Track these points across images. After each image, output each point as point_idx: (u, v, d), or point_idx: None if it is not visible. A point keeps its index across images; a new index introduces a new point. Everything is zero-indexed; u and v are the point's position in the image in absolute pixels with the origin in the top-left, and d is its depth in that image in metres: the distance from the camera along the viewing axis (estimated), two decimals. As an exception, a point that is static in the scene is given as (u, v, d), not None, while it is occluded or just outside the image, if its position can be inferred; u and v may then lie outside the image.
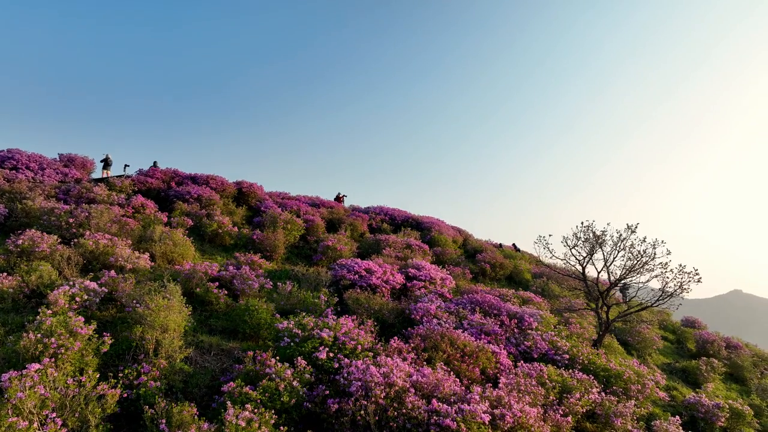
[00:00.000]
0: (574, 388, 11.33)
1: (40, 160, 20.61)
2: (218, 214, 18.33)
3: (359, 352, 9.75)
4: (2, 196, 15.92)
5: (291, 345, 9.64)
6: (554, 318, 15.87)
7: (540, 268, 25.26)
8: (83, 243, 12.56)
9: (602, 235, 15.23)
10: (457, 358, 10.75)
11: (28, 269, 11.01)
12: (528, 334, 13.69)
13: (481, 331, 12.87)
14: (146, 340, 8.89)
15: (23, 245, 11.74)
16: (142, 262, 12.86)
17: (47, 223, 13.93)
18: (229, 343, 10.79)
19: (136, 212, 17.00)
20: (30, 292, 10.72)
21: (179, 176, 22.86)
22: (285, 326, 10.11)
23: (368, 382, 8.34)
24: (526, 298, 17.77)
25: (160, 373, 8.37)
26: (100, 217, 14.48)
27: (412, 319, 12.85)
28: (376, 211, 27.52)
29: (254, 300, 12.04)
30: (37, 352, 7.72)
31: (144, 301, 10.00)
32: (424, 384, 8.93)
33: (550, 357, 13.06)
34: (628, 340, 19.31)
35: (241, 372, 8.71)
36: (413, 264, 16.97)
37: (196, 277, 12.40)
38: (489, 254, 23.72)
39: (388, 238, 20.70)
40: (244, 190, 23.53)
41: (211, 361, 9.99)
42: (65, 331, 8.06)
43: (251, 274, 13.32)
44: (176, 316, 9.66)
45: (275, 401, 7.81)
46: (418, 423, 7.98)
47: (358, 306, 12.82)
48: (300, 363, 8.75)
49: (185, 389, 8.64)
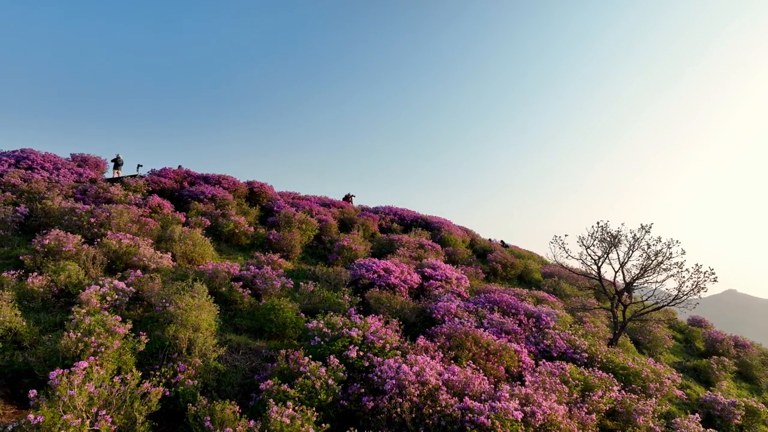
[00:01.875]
0: (595, 386, 11.45)
1: (54, 160, 20.68)
2: (234, 214, 18.42)
3: (388, 351, 9.86)
4: (21, 196, 15.99)
5: (321, 344, 9.74)
6: (570, 317, 16.01)
7: (549, 268, 25.40)
8: (106, 243, 12.64)
9: (618, 235, 15.36)
10: (482, 356, 10.87)
11: (56, 269, 11.10)
12: (546, 333, 13.82)
13: (502, 330, 12.99)
14: (179, 339, 8.98)
15: (49, 245, 11.82)
16: (165, 262, 12.95)
17: (68, 223, 14.00)
18: (256, 342, 10.89)
19: (153, 212, 17.09)
20: (58, 292, 10.81)
21: (191, 176, 22.95)
22: (314, 325, 10.21)
23: (402, 381, 8.45)
24: (541, 298, 17.89)
25: (196, 372, 8.47)
26: (120, 217, 14.57)
27: (434, 318, 12.96)
28: (385, 211, 27.64)
29: (277, 299, 12.16)
30: (78, 351, 7.81)
31: (173, 301, 10.10)
32: (455, 382, 9.03)
33: (569, 356, 13.19)
34: (639, 339, 19.45)
35: (275, 370, 8.81)
36: (429, 264, 17.09)
37: (219, 276, 12.49)
38: (500, 254, 23.86)
39: (401, 238, 20.82)
40: (256, 189, 23.62)
41: (240, 359, 10.09)
42: (103, 330, 8.16)
43: (272, 274, 13.42)
44: (207, 316, 9.77)
45: (312, 399, 7.92)
46: (453, 420, 8.09)
47: (380, 305, 12.93)
48: (333, 361, 8.85)
49: (219, 387, 8.74)
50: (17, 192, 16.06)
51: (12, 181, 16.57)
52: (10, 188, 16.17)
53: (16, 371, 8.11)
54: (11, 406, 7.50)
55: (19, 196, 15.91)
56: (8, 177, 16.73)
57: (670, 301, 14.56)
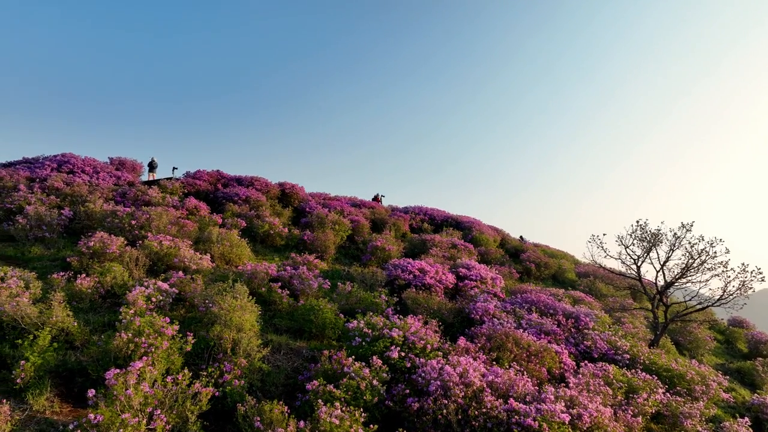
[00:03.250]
0: (639, 388, 11.22)
1: (94, 164, 21.21)
2: (268, 216, 18.61)
3: (429, 352, 9.82)
4: (65, 199, 16.43)
5: (363, 344, 9.76)
6: (608, 318, 15.72)
7: (583, 267, 24.99)
8: (148, 244, 12.89)
9: (659, 234, 15.01)
10: (523, 357, 10.75)
11: (102, 270, 11.36)
12: (586, 333, 13.59)
13: (541, 330, 12.83)
14: (224, 340, 9.08)
15: (94, 247, 12.11)
16: (205, 263, 13.15)
17: (110, 225, 14.33)
18: (297, 342, 10.96)
19: (190, 214, 17.38)
20: (105, 293, 11.06)
21: (224, 178, 23.27)
22: (355, 326, 10.24)
23: (446, 382, 8.41)
24: (577, 298, 17.62)
25: (241, 372, 8.56)
26: (160, 219, 14.84)
27: (472, 319, 12.87)
28: (415, 211, 27.57)
29: (315, 300, 12.23)
30: (129, 352, 7.98)
31: (216, 302, 10.24)
32: (499, 384, 8.95)
33: (610, 357, 12.95)
34: (679, 340, 18.98)
35: (319, 371, 8.84)
36: (463, 264, 16.98)
37: (258, 277, 12.62)
38: (533, 254, 23.57)
39: (434, 238, 20.74)
40: (287, 191, 23.81)
41: (282, 360, 10.16)
42: (152, 331, 8.32)
43: (309, 275, 13.49)
44: (249, 316, 9.86)
45: (358, 400, 7.93)
46: (499, 422, 8.00)
47: (417, 306, 12.90)
48: (376, 362, 8.84)
49: (263, 388, 8.82)
50: (61, 195, 16.51)
51: (55, 185, 17.04)
52: (54, 192, 16.63)
53: (69, 370, 8.32)
54: (67, 404, 7.70)
55: (63, 200, 16.35)
56: (52, 181, 17.21)
57: (715, 301, 14.16)
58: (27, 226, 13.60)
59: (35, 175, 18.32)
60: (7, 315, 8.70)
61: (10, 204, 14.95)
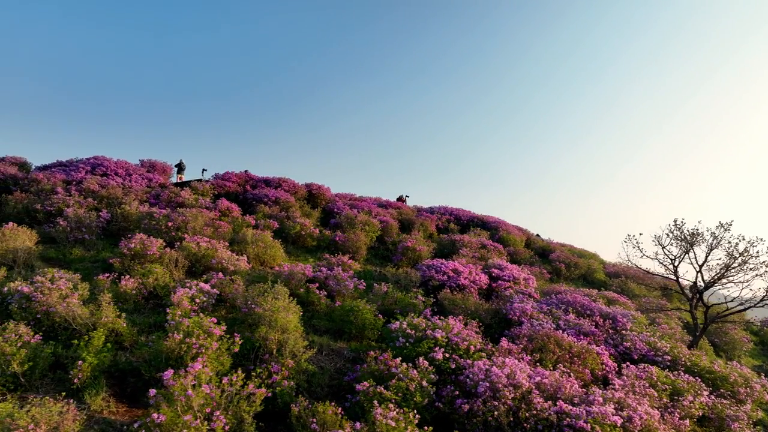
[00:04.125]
0: (684, 390, 11.02)
1: (126, 166, 21.50)
2: (299, 217, 18.71)
3: (473, 353, 9.76)
4: (101, 202, 16.68)
5: (406, 345, 9.75)
6: (644, 318, 15.50)
7: (613, 268, 24.69)
8: (186, 246, 13.02)
9: (697, 233, 14.76)
10: (566, 359, 10.65)
11: (144, 272, 11.50)
12: (624, 335, 13.42)
13: (579, 331, 12.69)
14: (269, 341, 9.12)
15: (135, 248, 12.26)
16: (242, 264, 13.24)
17: (147, 227, 14.51)
18: (337, 343, 10.98)
19: (222, 215, 17.52)
20: (147, 294, 11.19)
21: (252, 179, 23.44)
22: (398, 327, 10.23)
23: (495, 383, 8.35)
24: (611, 298, 17.41)
25: (289, 373, 8.59)
26: (196, 221, 14.99)
27: (510, 320, 12.78)
28: (440, 211, 27.47)
29: (350, 301, 12.26)
30: (181, 352, 8.06)
31: (258, 303, 10.30)
32: (546, 385, 8.87)
33: (650, 358, 12.76)
34: (715, 341, 18.62)
35: (366, 372, 8.84)
36: (495, 264, 16.88)
37: (296, 278, 12.68)
38: (563, 254, 23.37)
39: (463, 238, 20.65)
40: (314, 191, 23.89)
41: (324, 360, 10.19)
42: (202, 332, 8.39)
43: (344, 275, 13.52)
44: (293, 317, 9.91)
45: (408, 401, 7.91)
46: (550, 424, 7.93)
47: (454, 307, 12.86)
48: (422, 363, 8.82)
49: (309, 388, 8.85)
50: (97, 198, 16.75)
51: (91, 187, 17.30)
52: (91, 194, 16.88)
53: (121, 370, 8.44)
54: (122, 404, 7.80)
55: (100, 202, 16.60)
56: (88, 184, 17.47)
57: (758, 302, 13.87)
58: (67, 228, 13.83)
59: (71, 177, 18.63)
60: (60, 316, 8.86)
61: (49, 206, 15.22)
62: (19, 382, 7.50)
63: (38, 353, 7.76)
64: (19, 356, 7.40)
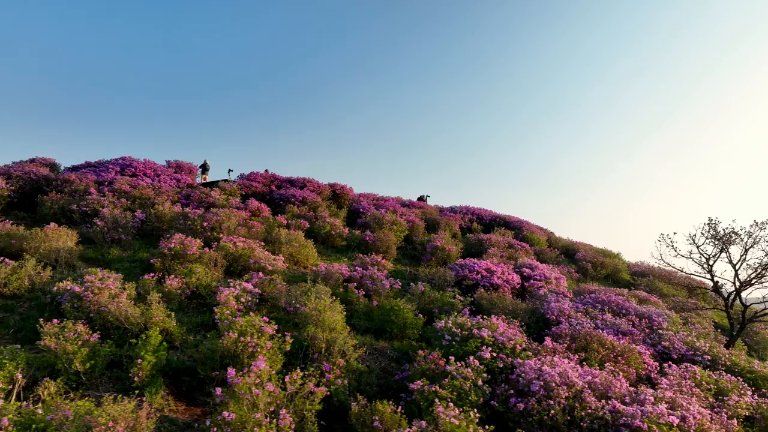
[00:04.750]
0: (728, 390, 10.92)
1: (154, 167, 21.71)
2: (327, 217, 18.77)
3: (519, 352, 9.75)
4: (134, 202, 16.84)
5: (453, 344, 9.75)
6: (678, 317, 15.40)
7: (638, 267, 24.54)
8: (224, 245, 13.10)
9: (734, 233, 14.65)
10: (610, 358, 10.60)
11: (186, 271, 11.59)
12: (662, 334, 13.33)
13: (618, 331, 12.63)
14: (318, 340, 9.16)
15: (175, 248, 12.36)
16: (279, 264, 13.31)
17: (183, 227, 14.62)
18: (379, 342, 11.00)
19: (253, 215, 17.63)
20: (190, 293, 11.28)
21: (277, 179, 23.58)
22: (443, 325, 10.24)
23: (548, 382, 8.33)
24: (642, 298, 17.30)
25: (340, 372, 8.64)
26: (229, 221, 15.09)
27: (548, 319, 12.74)
28: (463, 211, 27.46)
29: (387, 300, 12.29)
30: (237, 351, 8.12)
31: (303, 302, 10.36)
32: (597, 384, 8.84)
33: (689, 358, 12.65)
34: (746, 341, 18.45)
35: (417, 371, 8.86)
36: (526, 264, 16.85)
37: (333, 277, 12.72)
38: (589, 253, 23.27)
39: (490, 237, 20.64)
40: (337, 191, 23.98)
41: (369, 359, 10.21)
42: (255, 331, 8.45)
43: (380, 275, 13.54)
44: (339, 317, 9.95)
45: (464, 400, 7.91)
46: (605, 423, 7.90)
47: (492, 306, 12.85)
48: (473, 362, 8.82)
49: (359, 387, 8.87)
50: (130, 198, 16.92)
51: (123, 188, 17.48)
52: (124, 195, 17.04)
53: (174, 369, 8.52)
54: (180, 402, 7.87)
55: (133, 202, 16.76)
56: (119, 184, 17.65)
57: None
58: (105, 229, 13.96)
59: (101, 178, 18.83)
60: (113, 315, 8.95)
61: (85, 207, 15.38)
62: (80, 380, 7.59)
63: (97, 352, 7.86)
64: (80, 355, 7.49)
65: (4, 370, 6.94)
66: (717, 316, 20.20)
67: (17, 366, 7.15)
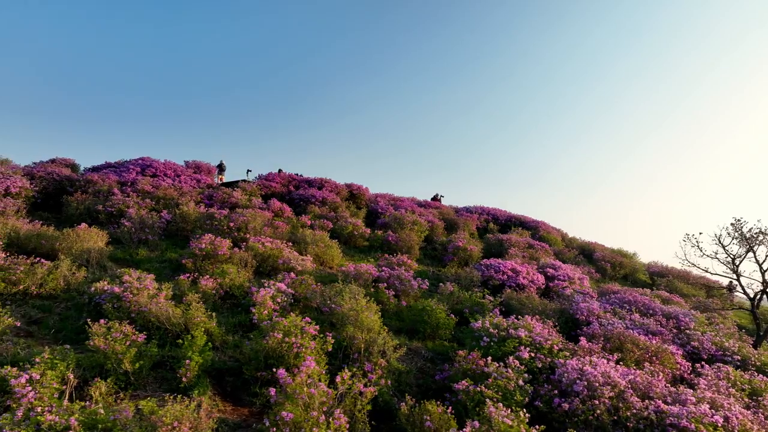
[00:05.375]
0: (762, 390, 10.91)
1: (174, 167, 21.77)
2: (348, 217, 18.80)
3: (557, 352, 9.75)
4: (158, 202, 16.88)
5: (491, 344, 9.76)
6: (703, 317, 15.38)
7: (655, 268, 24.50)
8: (253, 246, 13.14)
9: (763, 233, 14.60)
10: (646, 358, 10.59)
11: (218, 272, 11.62)
12: (690, 334, 13.31)
13: (648, 331, 12.62)
14: (357, 340, 9.18)
15: (206, 249, 12.39)
16: (308, 264, 13.34)
17: (210, 227, 14.66)
18: (413, 343, 11.01)
19: (275, 215, 17.66)
20: (224, 294, 11.31)
21: (296, 180, 23.64)
22: (480, 326, 10.25)
23: (592, 382, 8.34)
24: (665, 298, 17.29)
25: (382, 372, 8.64)
26: (255, 221, 15.12)
27: (577, 319, 12.74)
28: (478, 211, 27.46)
29: (418, 300, 12.30)
30: (282, 351, 8.14)
31: (337, 302, 10.38)
32: (639, 384, 8.84)
33: (718, 358, 12.63)
34: (767, 341, 18.43)
35: (458, 371, 8.87)
36: (549, 264, 16.86)
37: (363, 277, 12.74)
38: (607, 253, 23.27)
39: (510, 238, 20.65)
40: (354, 191, 24.02)
41: (405, 360, 10.21)
42: (299, 331, 8.47)
43: (407, 275, 13.55)
44: (376, 317, 9.97)
45: (509, 400, 7.91)
46: (650, 423, 7.90)
47: (521, 306, 12.85)
48: (513, 362, 8.82)
49: (399, 387, 8.89)
50: (154, 199, 16.97)
51: (146, 188, 17.54)
52: (148, 195, 17.09)
53: (217, 369, 8.55)
54: (226, 403, 7.89)
55: (157, 203, 16.80)
56: (142, 185, 17.71)
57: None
58: (132, 229, 14.01)
59: (123, 178, 18.88)
60: (154, 315, 8.99)
61: (110, 207, 15.43)
62: (128, 380, 7.62)
63: (144, 352, 7.89)
64: (129, 355, 7.53)
65: (56, 371, 6.97)
66: (737, 317, 20.16)
67: (68, 366, 7.19)
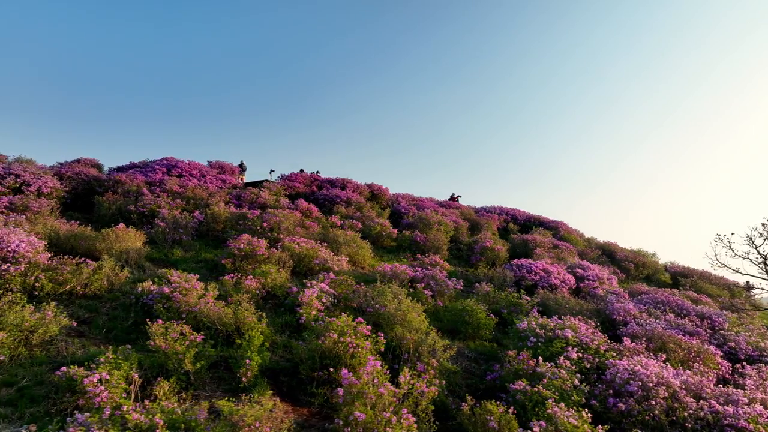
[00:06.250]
0: (803, 391, 10.91)
1: (199, 167, 21.80)
2: (375, 217, 18.82)
3: (603, 352, 9.76)
4: (188, 203, 16.91)
5: (539, 344, 9.77)
6: (734, 318, 15.34)
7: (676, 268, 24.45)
8: (289, 246, 13.18)
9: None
10: (690, 358, 10.59)
11: (258, 272, 11.64)
12: (725, 335, 13.29)
13: (684, 331, 12.60)
14: (406, 340, 9.21)
15: (245, 249, 12.44)
16: (344, 264, 13.39)
17: (243, 227, 14.71)
18: (455, 342, 11.02)
19: (304, 216, 17.68)
20: (266, 294, 11.34)
21: (318, 180, 23.69)
22: (526, 326, 10.26)
23: (646, 383, 8.35)
24: (694, 298, 17.26)
25: (435, 372, 8.66)
26: (287, 221, 15.16)
27: (614, 320, 12.74)
28: (497, 211, 27.42)
29: (454, 300, 12.31)
30: (338, 351, 8.17)
31: (381, 302, 10.41)
32: (691, 384, 8.85)
33: (755, 358, 12.61)
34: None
35: (510, 371, 8.89)
36: (577, 264, 16.86)
37: (399, 278, 12.76)
38: (630, 254, 23.23)
39: (535, 238, 20.64)
40: (375, 192, 24.05)
41: (450, 360, 10.22)
42: (352, 331, 8.50)
43: (441, 275, 13.57)
44: (423, 317, 10.00)
45: (566, 400, 7.92)
46: (707, 424, 7.91)
47: (558, 306, 12.85)
48: (564, 363, 8.84)
49: (449, 387, 8.90)
50: (183, 199, 17.00)
51: (174, 188, 17.58)
52: (177, 196, 17.12)
53: (271, 370, 8.58)
54: (285, 403, 7.92)
55: (187, 203, 16.83)
56: (169, 185, 17.76)
57: None
58: (166, 230, 14.07)
59: (149, 179, 18.90)
60: (206, 316, 9.03)
61: (142, 207, 15.47)
62: (189, 380, 7.67)
63: (202, 352, 7.93)
64: (189, 355, 7.58)
65: (121, 370, 7.02)
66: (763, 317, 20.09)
67: (131, 366, 7.24)
